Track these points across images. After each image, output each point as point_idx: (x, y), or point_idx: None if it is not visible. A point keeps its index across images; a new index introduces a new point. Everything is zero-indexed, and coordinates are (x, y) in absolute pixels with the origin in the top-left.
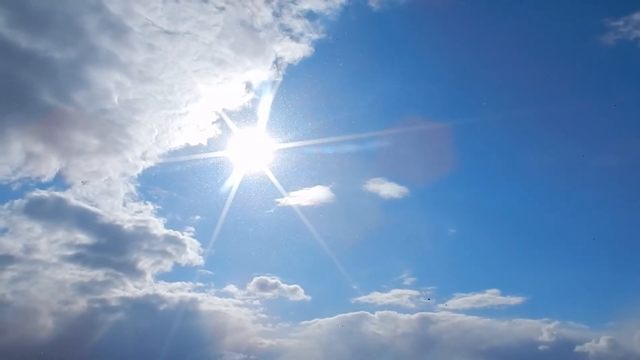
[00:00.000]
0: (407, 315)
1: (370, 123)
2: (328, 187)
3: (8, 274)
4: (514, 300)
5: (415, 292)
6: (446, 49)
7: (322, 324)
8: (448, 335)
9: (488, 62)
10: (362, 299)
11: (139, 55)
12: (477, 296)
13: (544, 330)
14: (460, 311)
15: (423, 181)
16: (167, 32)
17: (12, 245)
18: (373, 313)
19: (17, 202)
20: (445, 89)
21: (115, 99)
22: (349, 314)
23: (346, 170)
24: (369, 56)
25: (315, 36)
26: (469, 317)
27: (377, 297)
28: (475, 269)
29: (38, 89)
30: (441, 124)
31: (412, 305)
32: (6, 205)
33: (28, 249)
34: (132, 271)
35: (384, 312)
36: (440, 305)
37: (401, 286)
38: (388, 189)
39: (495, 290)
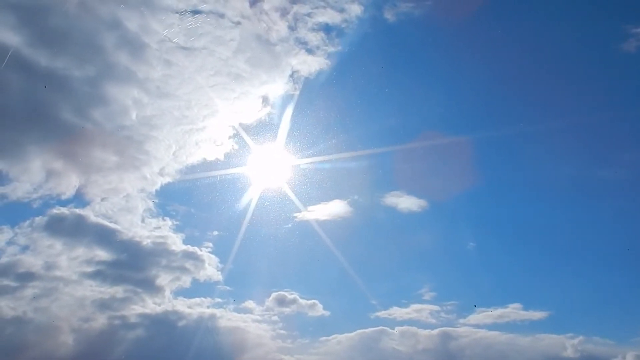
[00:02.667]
0: (427, 330)
1: (387, 136)
2: (346, 201)
3: (29, 291)
4: (537, 315)
5: (435, 307)
6: (464, 61)
7: (342, 340)
8: (470, 351)
9: (507, 73)
10: (382, 314)
11: (156, 71)
12: (499, 311)
13: (569, 345)
14: (482, 326)
15: (442, 194)
16: (184, 48)
17: (33, 262)
18: (393, 328)
19: (38, 220)
20: (464, 101)
21: (133, 116)
22: (368, 330)
23: (364, 183)
24: (385, 69)
25: (331, 49)
26: (491, 333)
27: (397, 312)
28: (497, 283)
29: (57, 107)
30: (460, 137)
31: (433, 321)
32: (27, 222)
33: (49, 266)
34: (151, 287)
35: (404, 327)
36: (461, 321)
37: (421, 301)
38: (406, 203)
39: (517, 305)
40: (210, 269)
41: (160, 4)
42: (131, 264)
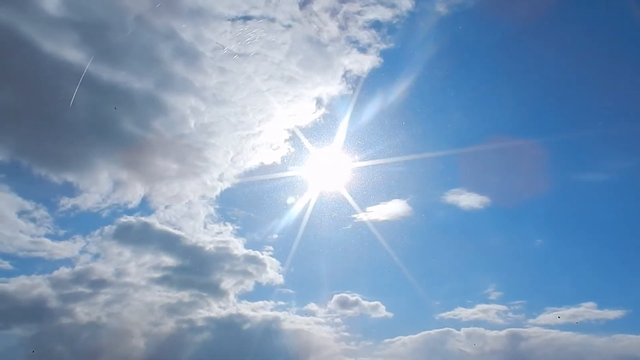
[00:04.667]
0: (494, 331)
1: (447, 134)
2: (405, 201)
3: (102, 297)
4: (613, 314)
5: (502, 307)
6: (525, 53)
7: (406, 342)
8: (541, 352)
9: (574, 70)
10: (446, 315)
11: (212, 79)
12: (572, 310)
13: None
14: (554, 327)
15: (505, 191)
16: (237, 54)
17: (105, 269)
18: (458, 330)
19: (107, 229)
20: (525, 97)
21: (192, 124)
22: (433, 331)
23: (423, 182)
24: (441, 63)
25: (383, 46)
26: (563, 333)
27: (462, 312)
28: (568, 281)
29: (120, 119)
30: (523, 134)
31: (500, 321)
32: (97, 231)
33: (119, 273)
34: (216, 291)
35: (470, 328)
36: (531, 321)
37: (487, 301)
38: (468, 200)
39: (591, 304)
40: (272, 272)
41: (212, 13)
42: (196, 269)
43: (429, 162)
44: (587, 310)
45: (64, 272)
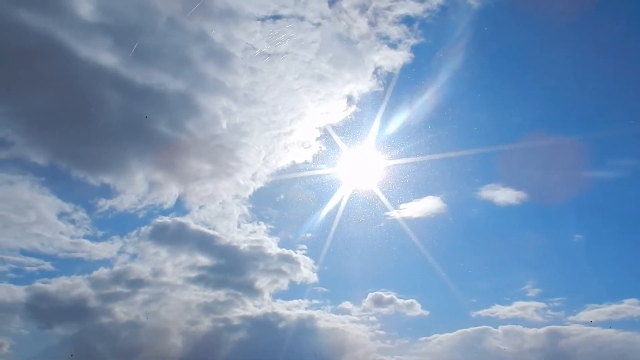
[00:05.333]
0: (533, 329)
1: (480, 129)
2: (439, 197)
3: (140, 297)
4: None
5: (541, 304)
6: (563, 47)
7: (442, 340)
8: (582, 350)
9: (614, 65)
10: (483, 312)
11: (243, 79)
12: (613, 307)
13: None
14: (595, 324)
15: (542, 186)
16: (268, 54)
17: (142, 269)
18: (496, 327)
19: (144, 229)
20: (563, 92)
21: (224, 124)
22: (470, 329)
23: (457, 178)
24: (475, 57)
25: (414, 41)
26: (605, 331)
27: (499, 310)
28: (609, 277)
29: (155, 121)
30: (562, 131)
31: (539, 319)
32: (134, 232)
33: (156, 273)
34: (251, 291)
35: (508, 326)
36: (571, 318)
37: (525, 298)
38: (504, 195)
39: (634, 300)
40: (306, 270)
41: (242, 14)
42: (231, 268)
43: (462, 159)
44: (630, 306)
45: (103, 272)
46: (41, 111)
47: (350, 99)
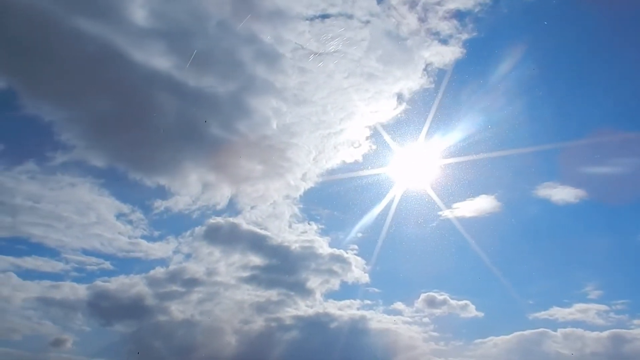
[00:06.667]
0: (595, 332)
1: (536, 126)
2: (493, 196)
3: (195, 296)
4: None
5: (603, 307)
6: (625, 40)
7: (498, 343)
8: None
9: None
10: (541, 314)
11: (292, 79)
12: None
13: None
14: None
15: (603, 183)
16: (316, 54)
17: (197, 269)
18: (555, 330)
19: (198, 229)
20: (623, 87)
21: (274, 125)
22: (527, 332)
23: (512, 176)
24: (531, 52)
25: (465, 36)
26: None
27: (558, 312)
28: None
29: (207, 123)
30: (624, 127)
31: (601, 322)
32: (188, 232)
33: (210, 272)
34: (303, 290)
35: (568, 329)
36: (636, 322)
37: (585, 300)
38: (562, 194)
39: None
40: (357, 271)
41: (290, 13)
42: (282, 268)
43: (518, 157)
44: None
45: (159, 271)
46: (100, 116)
47: (400, 96)
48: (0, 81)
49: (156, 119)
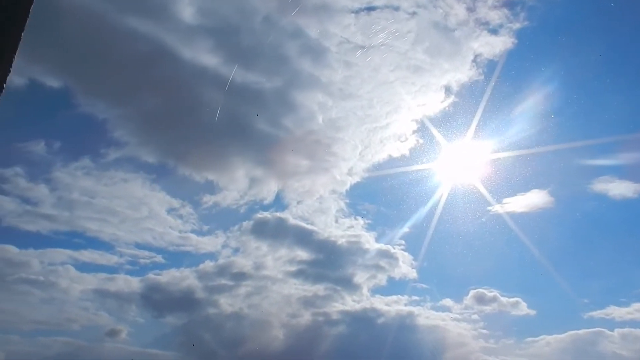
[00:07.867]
0: None
1: (590, 117)
2: (546, 191)
3: (243, 290)
4: None
5: None
6: None
7: (551, 342)
8: None
9: None
10: (597, 314)
11: (338, 73)
12: None
13: None
14: None
15: None
16: (362, 47)
17: (245, 263)
18: (611, 330)
19: (245, 224)
20: None
21: (320, 119)
22: (582, 331)
23: (565, 170)
24: (585, 40)
25: (516, 25)
26: None
27: (615, 311)
28: None
29: (254, 119)
30: None
31: None
32: (236, 227)
33: (257, 266)
34: (349, 285)
35: (626, 329)
36: None
37: None
38: (619, 188)
39: None
40: (405, 266)
41: (336, 7)
42: (329, 263)
43: (571, 150)
44: None
45: (208, 265)
46: (151, 113)
47: (448, 89)
48: (56, 81)
49: (204, 116)
